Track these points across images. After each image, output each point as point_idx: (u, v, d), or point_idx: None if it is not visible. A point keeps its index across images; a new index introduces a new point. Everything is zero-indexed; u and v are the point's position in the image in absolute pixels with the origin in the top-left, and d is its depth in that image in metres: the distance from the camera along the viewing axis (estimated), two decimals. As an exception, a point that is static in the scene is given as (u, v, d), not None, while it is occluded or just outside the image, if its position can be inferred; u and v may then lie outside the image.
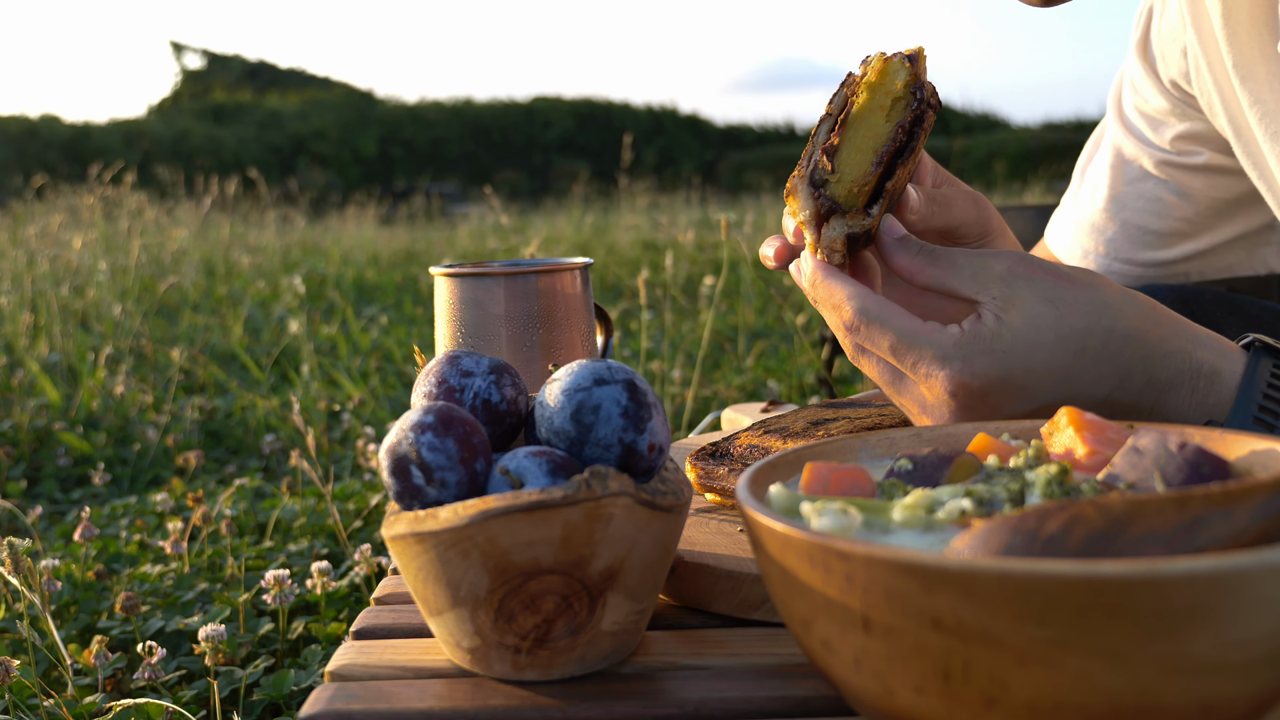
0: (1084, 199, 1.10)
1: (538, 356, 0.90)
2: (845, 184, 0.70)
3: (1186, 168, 1.02)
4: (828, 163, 0.69)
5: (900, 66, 0.69)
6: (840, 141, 0.69)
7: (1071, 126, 25.61)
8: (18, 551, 0.92)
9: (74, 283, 4.10)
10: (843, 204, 0.70)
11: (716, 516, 0.72)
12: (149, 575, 1.34)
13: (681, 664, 0.55)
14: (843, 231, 0.70)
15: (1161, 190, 1.04)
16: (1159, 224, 1.05)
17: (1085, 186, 1.10)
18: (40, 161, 16.47)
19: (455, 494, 0.51)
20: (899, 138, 0.69)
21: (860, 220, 0.70)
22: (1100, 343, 0.63)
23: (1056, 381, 0.63)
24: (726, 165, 24.09)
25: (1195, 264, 1.06)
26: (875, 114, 0.69)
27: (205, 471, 2.07)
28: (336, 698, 0.52)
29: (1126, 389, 0.63)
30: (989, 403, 0.63)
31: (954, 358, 0.63)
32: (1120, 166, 1.06)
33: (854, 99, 0.70)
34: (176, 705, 0.96)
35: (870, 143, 0.70)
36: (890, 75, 0.69)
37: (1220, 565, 0.34)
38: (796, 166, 0.72)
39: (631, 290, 4.32)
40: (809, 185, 0.70)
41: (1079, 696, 0.36)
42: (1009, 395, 0.62)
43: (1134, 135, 1.05)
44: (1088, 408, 0.62)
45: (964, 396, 0.63)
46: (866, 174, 0.69)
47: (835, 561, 0.39)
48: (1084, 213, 1.09)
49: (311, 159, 22.36)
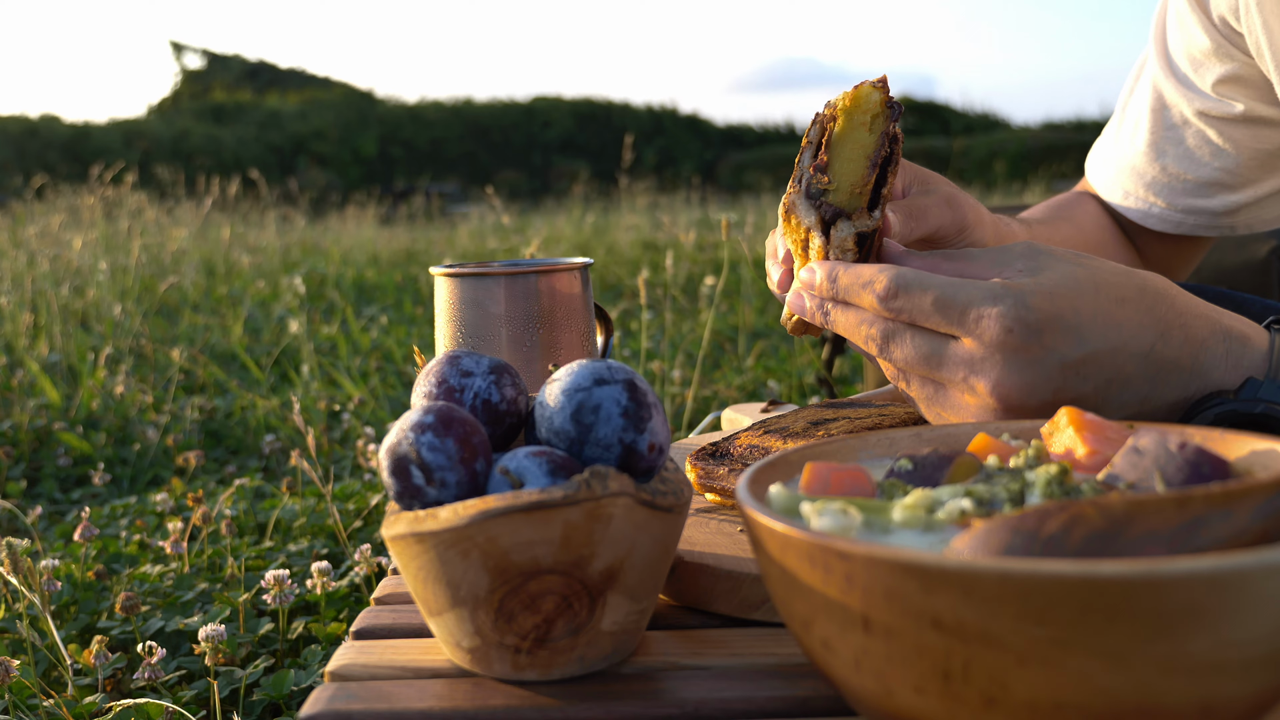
0: (1125, 138, 1.08)
1: (538, 356, 0.90)
2: (844, 190, 0.72)
3: (1226, 119, 1.00)
4: (822, 176, 0.71)
5: (872, 90, 0.72)
6: (829, 159, 0.72)
7: (1072, 126, 25.61)
8: (18, 551, 0.92)
9: (74, 283, 4.11)
10: (845, 208, 0.71)
11: (716, 516, 0.72)
12: (149, 575, 1.34)
13: (681, 664, 0.55)
14: (852, 231, 0.71)
15: (1201, 140, 1.02)
16: (1199, 173, 1.03)
17: (1126, 124, 1.08)
18: (40, 161, 16.48)
19: (455, 494, 0.51)
20: (886, 146, 0.72)
21: (866, 220, 0.71)
22: (1136, 294, 0.63)
23: (1105, 326, 0.61)
24: (727, 165, 24.11)
25: (1241, 217, 1.04)
26: (858, 130, 0.72)
27: (205, 471, 2.07)
28: (336, 698, 0.52)
29: (1168, 342, 0.63)
30: (1044, 343, 0.61)
31: (1006, 296, 0.61)
32: (1161, 111, 1.04)
33: (832, 125, 0.73)
34: (176, 705, 0.96)
35: (860, 152, 0.72)
36: (864, 98, 0.72)
37: (1220, 565, 0.34)
38: (786, 191, 0.74)
39: (631, 290, 4.32)
40: (806, 199, 0.72)
41: (1079, 696, 0.36)
42: (1062, 335, 0.61)
43: (1175, 76, 1.03)
44: (1134, 361, 0.61)
45: (1020, 333, 0.60)
46: (864, 178, 0.71)
47: (835, 561, 0.39)
48: (1125, 153, 1.07)
49: (311, 159, 22.35)
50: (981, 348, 0.62)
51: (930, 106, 32.29)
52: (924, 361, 0.64)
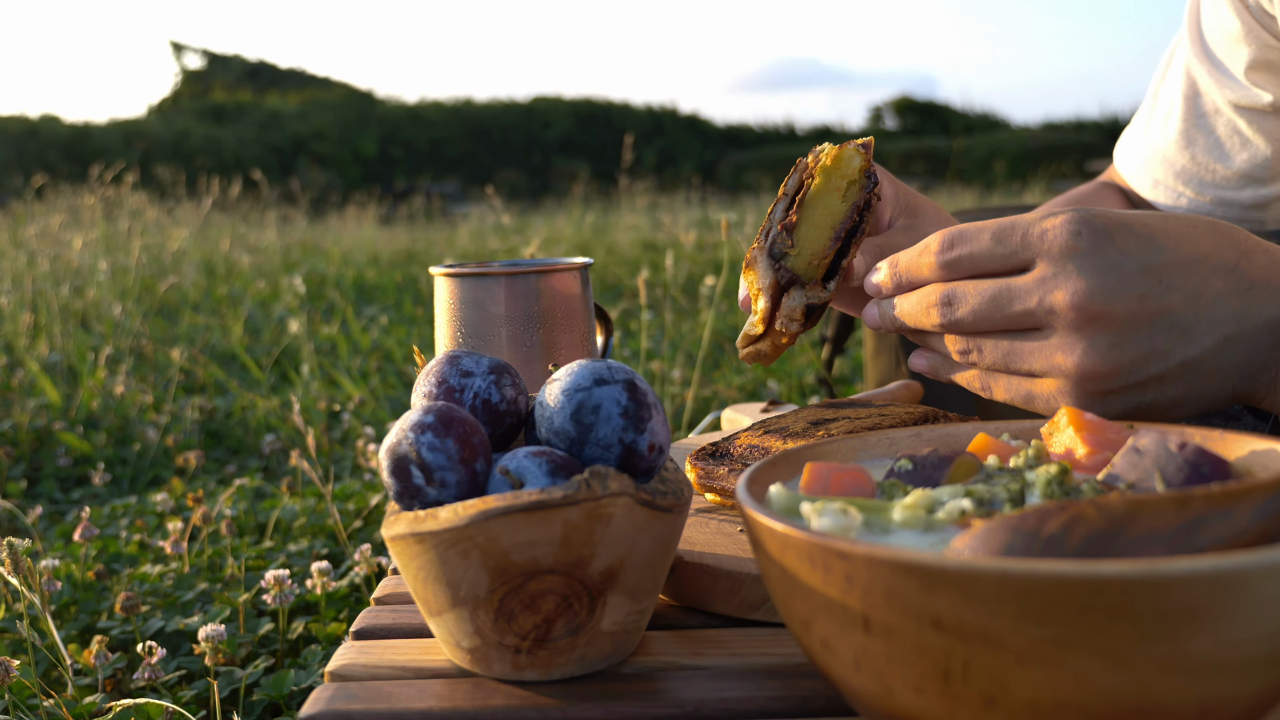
0: (1156, 126, 1.06)
1: (538, 356, 0.90)
2: (804, 257, 0.73)
3: (1256, 109, 0.98)
4: (788, 238, 0.72)
5: (855, 154, 0.73)
6: (798, 219, 0.73)
7: (1072, 126, 25.61)
8: (18, 551, 0.92)
9: (74, 283, 4.11)
10: (801, 276, 0.73)
11: (716, 516, 0.72)
12: (149, 575, 1.34)
13: (681, 664, 0.55)
14: (803, 301, 0.73)
15: (1232, 130, 1.00)
16: (1229, 164, 1.01)
17: (1158, 112, 1.07)
18: (40, 161, 16.48)
19: (455, 494, 0.51)
20: (854, 218, 0.73)
21: (819, 293, 0.73)
22: (1208, 223, 0.60)
23: (1179, 239, 0.59)
24: (727, 165, 24.11)
25: (1272, 210, 1.02)
26: (831, 195, 0.73)
27: (205, 471, 2.07)
28: (336, 698, 0.52)
29: (1253, 262, 0.60)
30: (1117, 245, 0.58)
31: (1065, 211, 0.59)
32: (1193, 99, 1.02)
33: (809, 182, 0.73)
34: (176, 705, 0.96)
35: (828, 220, 0.73)
36: (845, 161, 0.73)
37: (1220, 565, 0.34)
38: (754, 240, 0.75)
39: (631, 290, 4.32)
40: (768, 257, 0.73)
41: (1079, 696, 0.36)
42: (1135, 240, 0.58)
43: (1210, 61, 1.01)
44: (1220, 275, 0.59)
45: (1089, 236, 0.57)
46: (825, 248, 0.73)
47: (835, 561, 0.39)
48: (1155, 141, 1.06)
49: (311, 159, 22.35)
50: (1051, 263, 0.58)
51: (930, 106, 32.30)
52: (993, 304, 0.60)
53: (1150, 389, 0.60)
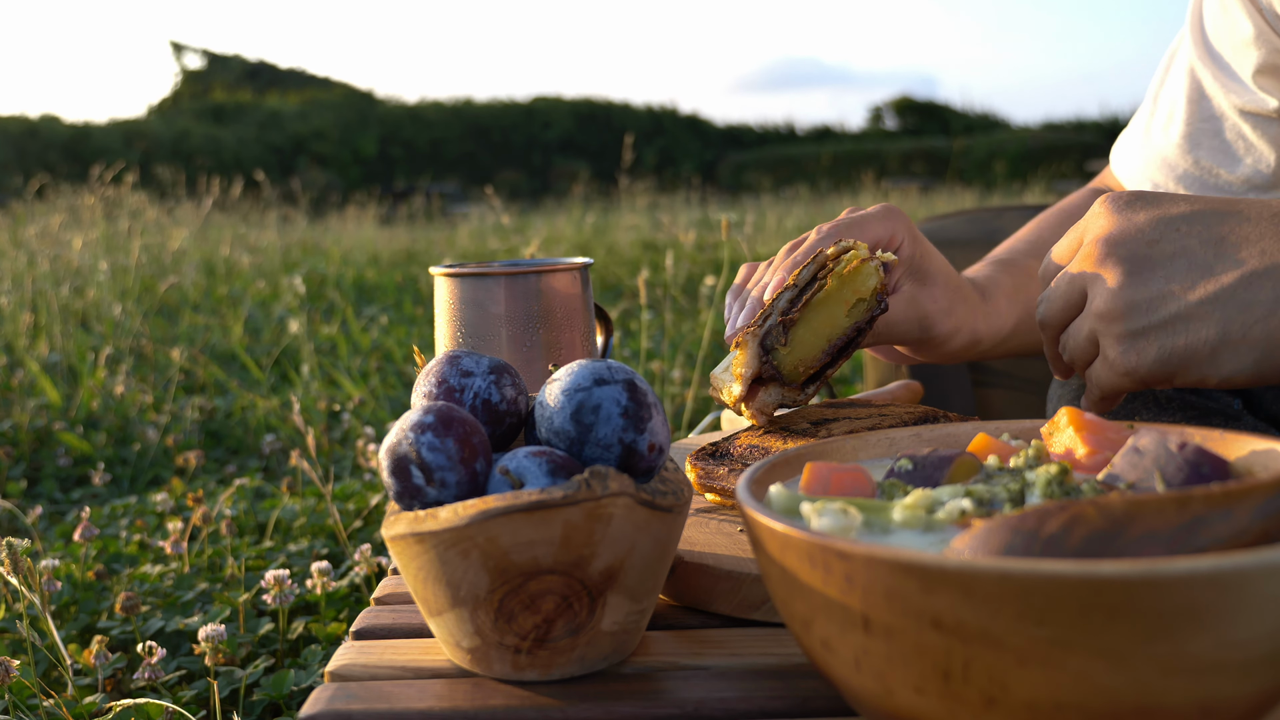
0: (1157, 129, 1.04)
1: (538, 356, 0.90)
2: (793, 360, 0.73)
3: (1262, 114, 0.97)
4: (783, 335, 0.72)
5: (874, 272, 0.72)
6: (799, 319, 0.72)
7: (1072, 126, 25.60)
8: (18, 551, 0.92)
9: (74, 283, 4.10)
10: (785, 375, 0.73)
11: (716, 516, 0.72)
12: (149, 575, 1.34)
13: (681, 664, 0.55)
14: (778, 400, 0.73)
15: (1237, 135, 0.99)
16: (1234, 169, 0.99)
17: (1159, 115, 1.05)
18: (40, 161, 16.47)
19: (455, 494, 0.51)
20: (852, 335, 0.73)
21: (795, 395, 0.74)
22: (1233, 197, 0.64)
23: (1207, 197, 0.63)
24: (727, 165, 24.11)
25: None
26: (838, 305, 0.73)
27: (205, 471, 2.07)
28: (336, 698, 0.52)
29: None
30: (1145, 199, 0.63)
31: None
32: (1198, 101, 1.01)
33: (821, 283, 0.72)
34: (176, 705, 0.96)
35: (826, 330, 0.73)
36: (862, 278, 0.72)
37: (1220, 565, 0.34)
38: (751, 320, 0.75)
39: (631, 290, 4.32)
40: (759, 346, 0.73)
41: (1079, 696, 0.36)
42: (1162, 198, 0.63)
43: (1215, 64, 0.99)
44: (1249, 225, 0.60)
45: (1116, 199, 0.64)
46: (815, 358, 0.73)
47: (835, 561, 0.39)
48: (1156, 145, 1.04)
49: (311, 159, 22.35)
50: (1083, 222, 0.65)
51: (930, 106, 32.28)
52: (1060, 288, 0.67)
53: (1177, 329, 0.61)
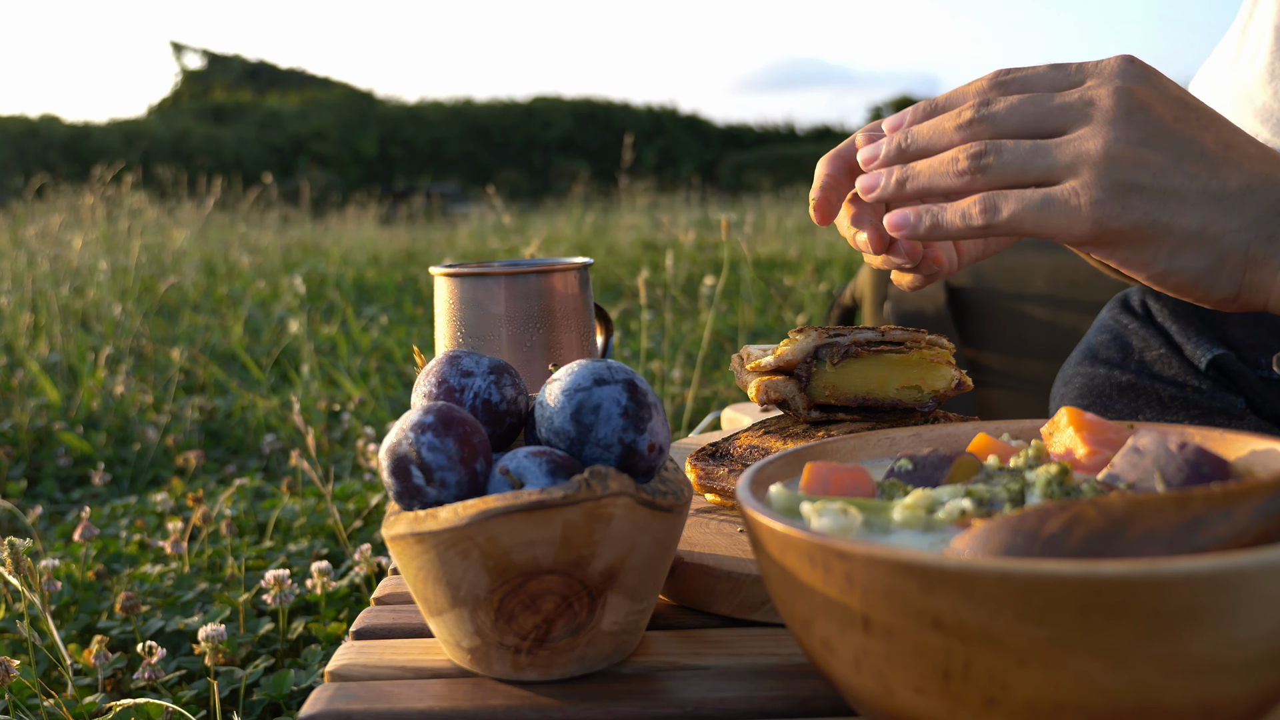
0: (1244, 61, 0.99)
1: (538, 356, 0.90)
2: (827, 382, 0.72)
3: None
4: (838, 358, 0.72)
5: (947, 380, 0.72)
6: (862, 356, 0.72)
7: (1071, 126, 25.55)
8: (18, 551, 0.92)
9: (74, 283, 4.10)
10: (810, 386, 0.73)
11: (716, 516, 0.72)
12: (149, 575, 1.34)
13: (681, 664, 0.55)
14: (786, 396, 0.73)
15: None
16: None
17: (1246, 47, 0.99)
18: (40, 161, 16.48)
19: (455, 494, 0.51)
20: (886, 406, 0.72)
21: (801, 406, 0.73)
22: None
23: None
24: (727, 165, 24.11)
25: None
26: (898, 376, 0.72)
27: (205, 471, 2.07)
28: (336, 698, 0.52)
29: None
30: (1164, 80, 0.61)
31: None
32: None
33: (901, 348, 0.72)
34: (176, 705, 0.96)
35: (871, 386, 0.72)
36: (935, 375, 0.72)
37: (1220, 565, 0.34)
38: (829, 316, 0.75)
39: (631, 290, 4.32)
40: (814, 347, 0.72)
41: (1079, 696, 0.36)
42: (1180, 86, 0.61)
43: None
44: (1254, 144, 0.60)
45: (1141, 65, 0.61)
46: (844, 398, 0.72)
47: (835, 561, 0.39)
48: (1241, 77, 0.99)
49: (311, 159, 22.36)
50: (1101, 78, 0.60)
51: (930, 106, 32.19)
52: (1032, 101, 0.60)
53: (1170, 205, 0.59)
